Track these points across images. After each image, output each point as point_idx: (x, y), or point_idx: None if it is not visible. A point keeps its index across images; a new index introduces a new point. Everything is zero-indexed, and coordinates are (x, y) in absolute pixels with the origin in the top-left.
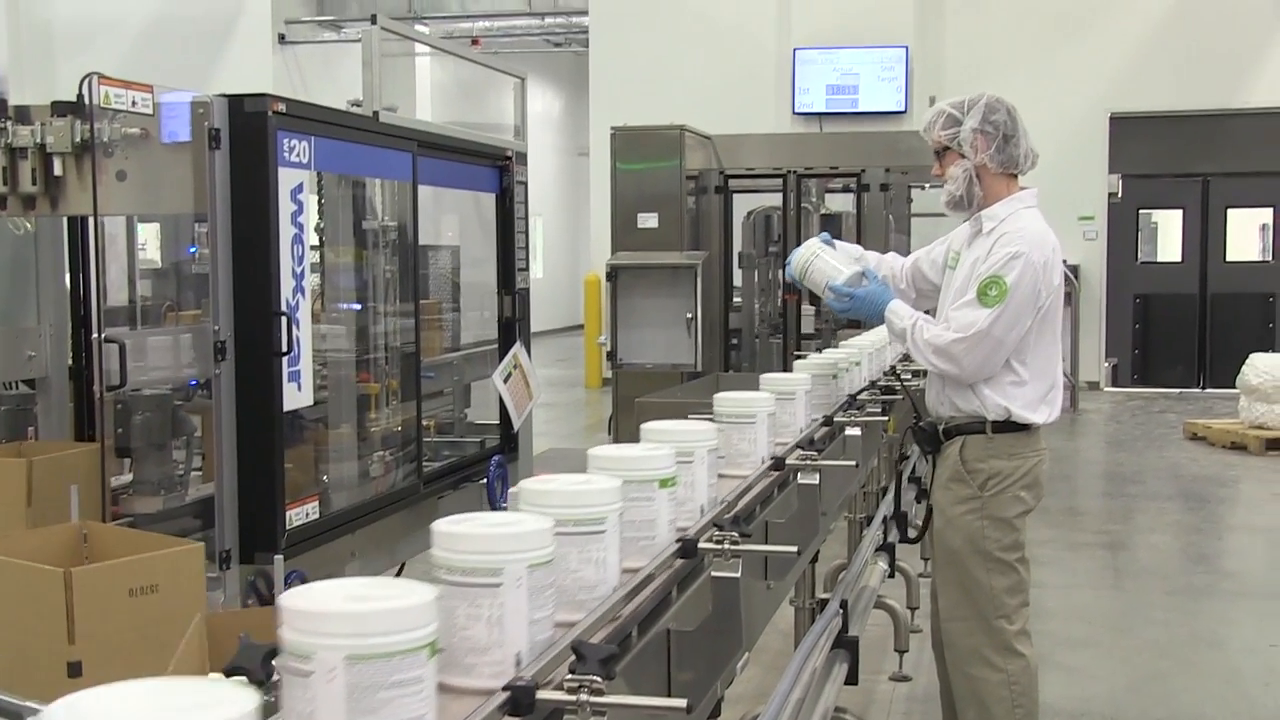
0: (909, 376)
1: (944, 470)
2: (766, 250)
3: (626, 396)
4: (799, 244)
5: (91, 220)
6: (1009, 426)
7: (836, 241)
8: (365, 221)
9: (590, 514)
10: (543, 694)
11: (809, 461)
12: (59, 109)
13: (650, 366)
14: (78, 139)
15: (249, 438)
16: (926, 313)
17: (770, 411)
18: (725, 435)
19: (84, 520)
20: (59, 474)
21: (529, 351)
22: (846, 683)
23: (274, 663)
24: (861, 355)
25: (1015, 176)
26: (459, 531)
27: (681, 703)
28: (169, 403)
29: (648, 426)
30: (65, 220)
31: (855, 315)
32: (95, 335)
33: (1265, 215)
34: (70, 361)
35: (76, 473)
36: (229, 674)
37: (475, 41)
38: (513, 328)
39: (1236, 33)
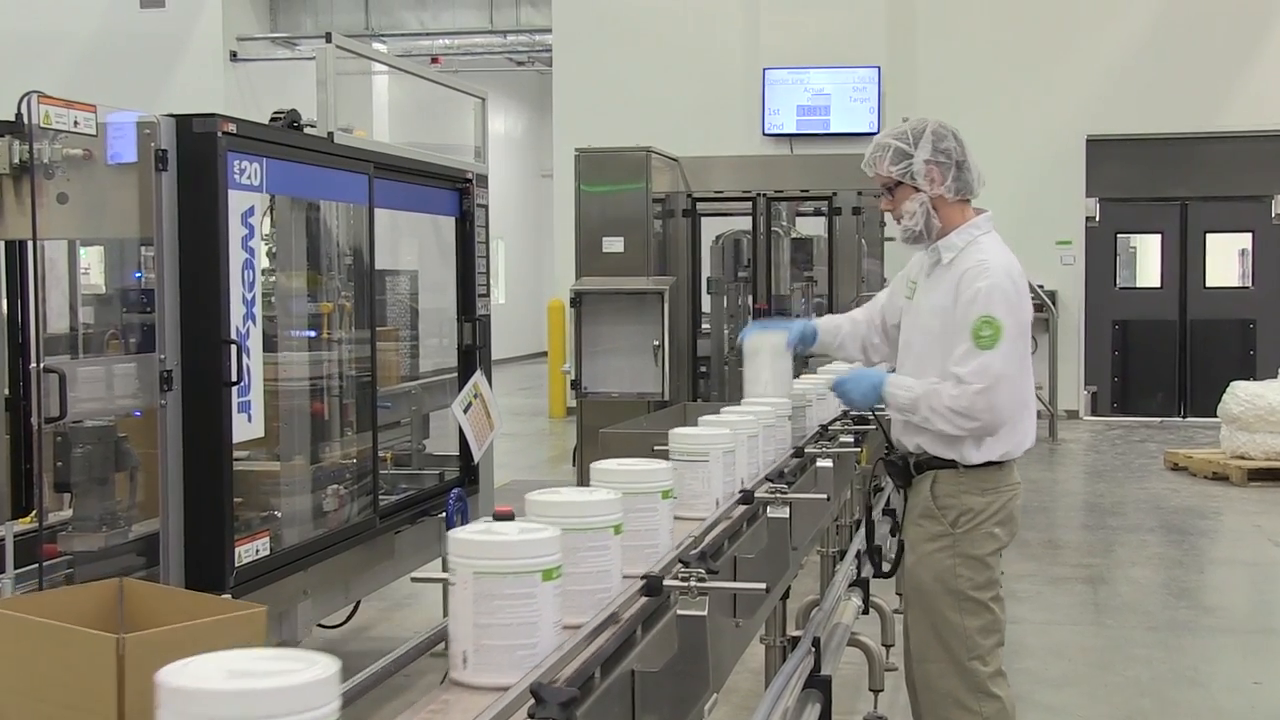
0: (881, 406)
1: (915, 506)
2: (736, 275)
3: (591, 427)
4: (769, 269)
5: (30, 244)
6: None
7: (771, 322)
8: (320, 246)
9: None
10: None
11: (779, 495)
12: None
13: (616, 396)
14: (16, 160)
15: (196, 471)
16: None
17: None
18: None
19: (122, 577)
20: None
21: (490, 380)
22: None
23: None
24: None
25: (968, 201)
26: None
27: None
28: (111, 435)
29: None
30: (3, 244)
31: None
32: (34, 364)
33: (1244, 240)
34: (7, 392)
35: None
36: None
37: (435, 60)
38: (473, 355)
39: (1213, 56)
